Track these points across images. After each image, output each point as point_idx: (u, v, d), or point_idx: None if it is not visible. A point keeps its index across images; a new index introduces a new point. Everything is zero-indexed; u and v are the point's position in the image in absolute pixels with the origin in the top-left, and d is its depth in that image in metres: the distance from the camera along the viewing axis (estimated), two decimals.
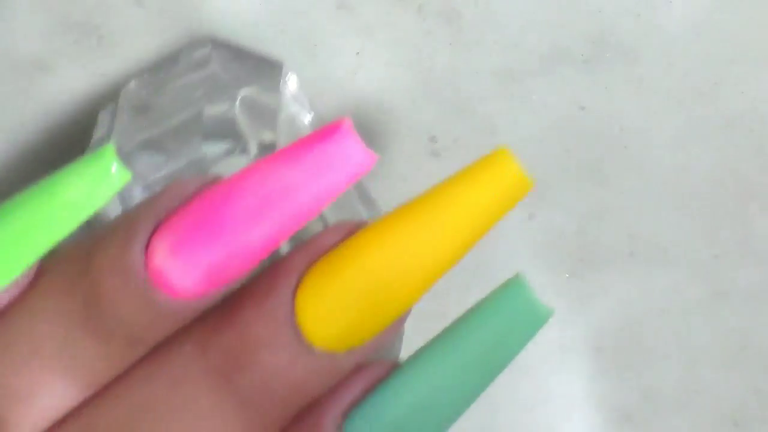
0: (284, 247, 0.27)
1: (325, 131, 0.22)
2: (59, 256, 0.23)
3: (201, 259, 0.22)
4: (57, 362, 0.22)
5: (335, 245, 0.23)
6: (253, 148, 0.29)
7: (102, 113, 0.32)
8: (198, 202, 0.22)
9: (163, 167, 0.29)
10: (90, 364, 0.22)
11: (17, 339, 0.22)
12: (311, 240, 0.23)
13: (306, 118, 0.32)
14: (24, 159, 0.34)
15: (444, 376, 0.22)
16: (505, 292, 0.22)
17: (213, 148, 0.29)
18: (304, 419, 0.23)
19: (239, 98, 0.30)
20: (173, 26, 0.32)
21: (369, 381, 0.23)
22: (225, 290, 0.22)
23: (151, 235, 0.22)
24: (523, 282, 0.22)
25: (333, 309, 0.22)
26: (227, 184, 0.22)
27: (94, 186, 0.21)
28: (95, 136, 0.32)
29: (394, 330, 0.23)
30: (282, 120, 0.31)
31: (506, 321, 0.22)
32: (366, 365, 0.23)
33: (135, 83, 0.32)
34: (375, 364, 0.23)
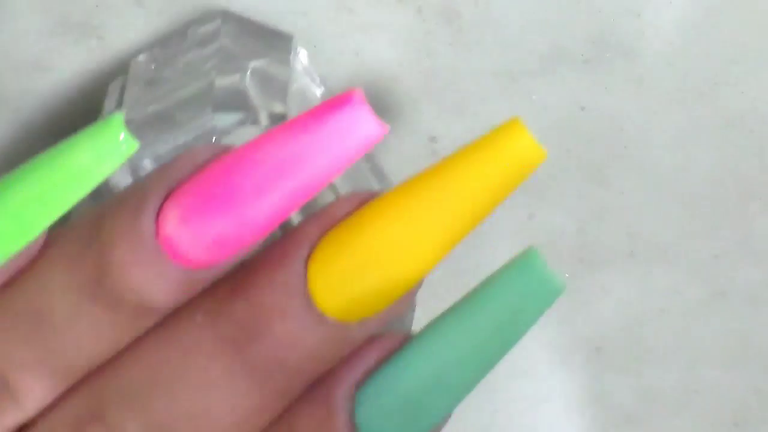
0: (295, 218, 0.27)
1: (337, 101, 0.21)
2: (68, 226, 0.23)
3: (211, 228, 0.22)
4: (66, 331, 0.22)
5: (348, 215, 0.22)
6: (264, 119, 0.29)
7: (112, 85, 0.32)
8: (209, 171, 0.22)
9: (174, 139, 0.29)
10: (99, 334, 0.22)
11: (26, 308, 0.22)
12: (323, 210, 0.23)
13: (317, 91, 0.32)
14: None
15: (456, 349, 0.22)
16: (519, 265, 0.22)
17: (223, 120, 0.29)
18: (316, 390, 0.23)
19: (250, 69, 0.30)
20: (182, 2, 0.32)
21: (381, 352, 0.23)
22: (235, 259, 0.22)
23: (162, 204, 0.22)
24: (537, 255, 0.22)
25: (345, 279, 0.22)
26: (238, 154, 0.22)
27: (102, 153, 0.21)
28: (105, 109, 0.31)
29: (406, 301, 0.23)
30: (293, 92, 0.31)
31: (519, 294, 0.22)
32: (378, 337, 0.23)
33: (144, 57, 0.32)
34: (387, 336, 0.23)
